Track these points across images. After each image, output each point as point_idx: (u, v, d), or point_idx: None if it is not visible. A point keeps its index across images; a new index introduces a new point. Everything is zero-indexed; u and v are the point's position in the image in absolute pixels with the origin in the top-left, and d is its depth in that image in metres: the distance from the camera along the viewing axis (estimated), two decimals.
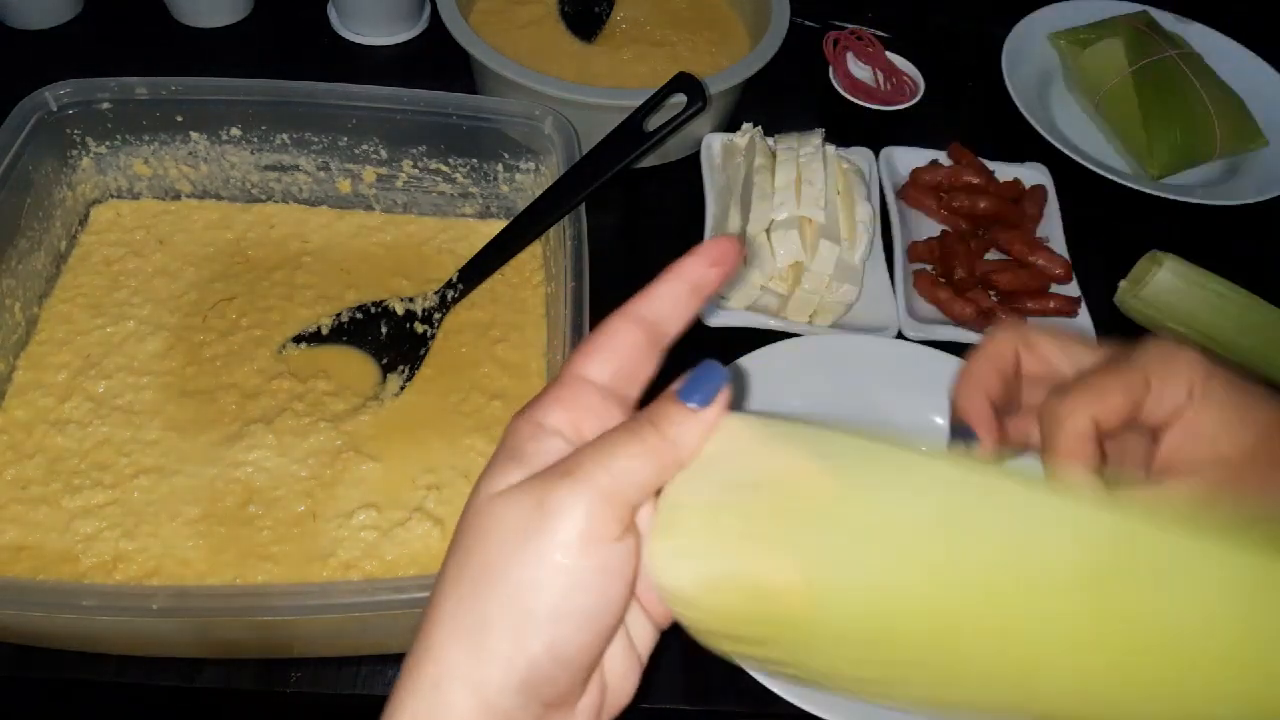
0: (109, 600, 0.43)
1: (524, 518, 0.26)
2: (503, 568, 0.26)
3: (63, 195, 0.64)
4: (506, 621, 0.26)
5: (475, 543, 0.27)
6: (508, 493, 0.27)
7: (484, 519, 0.27)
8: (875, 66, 0.86)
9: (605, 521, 0.26)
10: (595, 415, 0.29)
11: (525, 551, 0.26)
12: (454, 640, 0.27)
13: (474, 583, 0.27)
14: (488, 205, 0.69)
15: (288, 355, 0.61)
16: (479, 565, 0.27)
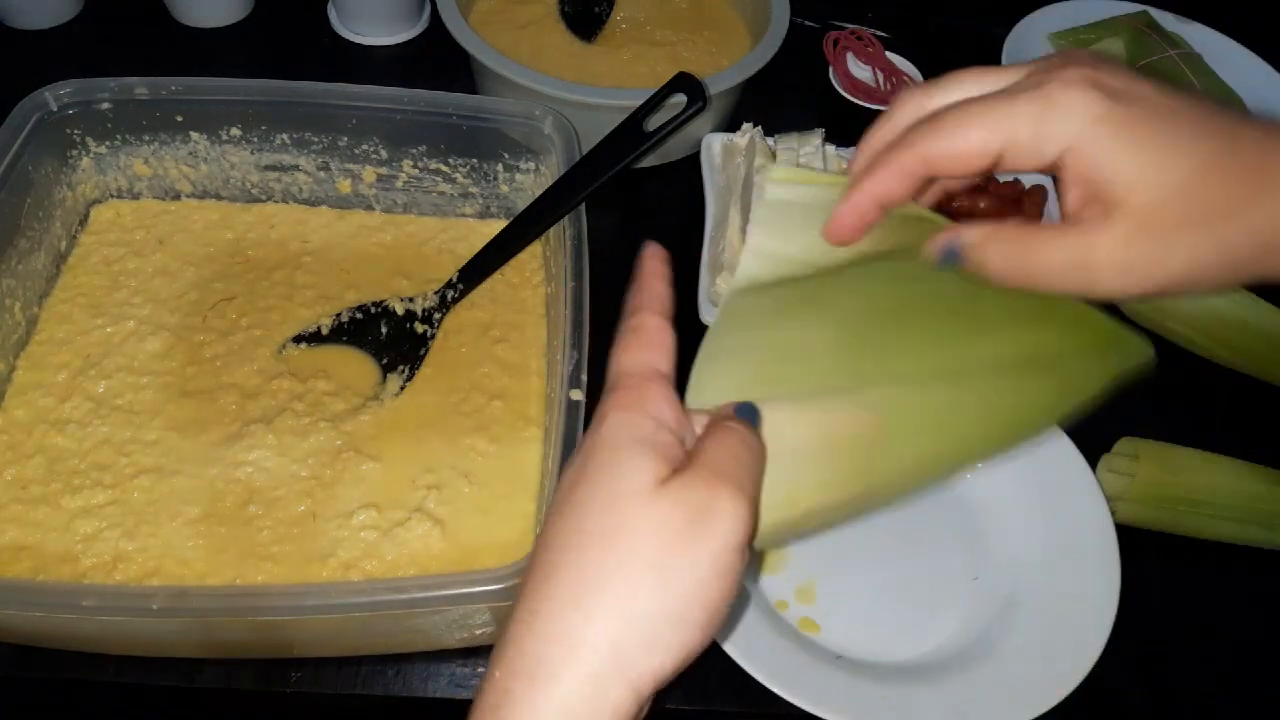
0: (109, 600, 0.43)
1: (692, 519, 0.29)
2: (675, 566, 0.28)
3: (63, 195, 0.64)
4: (683, 619, 0.28)
5: (638, 539, 0.29)
6: (672, 489, 0.29)
7: (643, 517, 0.29)
8: (875, 66, 0.86)
9: (752, 526, 0.30)
10: (672, 404, 0.32)
11: (698, 551, 0.28)
12: (624, 634, 0.28)
13: (644, 578, 0.28)
14: (488, 205, 0.69)
15: (288, 355, 0.61)
16: (646, 562, 0.28)
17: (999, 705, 0.51)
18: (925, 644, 0.55)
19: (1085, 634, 0.53)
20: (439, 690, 0.52)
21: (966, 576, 0.58)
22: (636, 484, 0.29)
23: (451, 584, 0.43)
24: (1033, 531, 0.58)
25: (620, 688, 0.28)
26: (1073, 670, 0.51)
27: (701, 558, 0.28)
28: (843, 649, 0.54)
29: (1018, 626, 0.54)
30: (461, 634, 0.51)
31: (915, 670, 0.53)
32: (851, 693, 0.50)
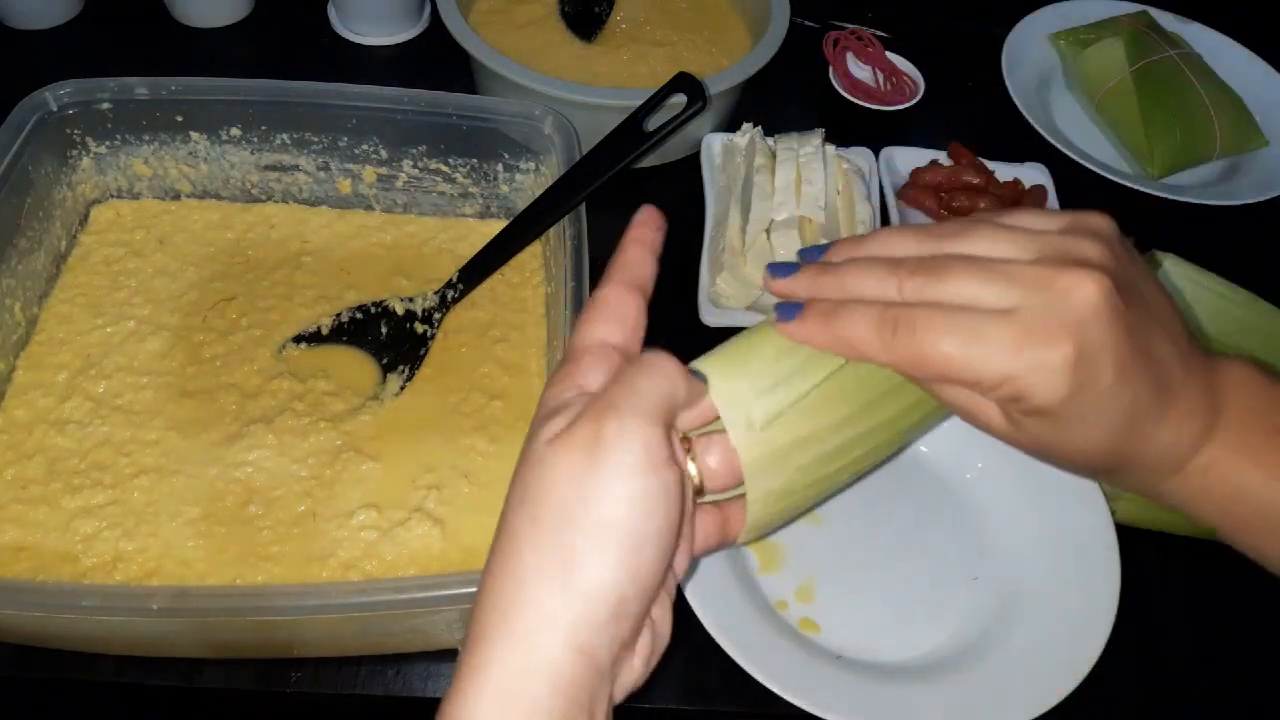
0: (109, 600, 0.43)
1: (585, 454, 0.29)
2: (578, 502, 0.28)
3: (63, 195, 0.64)
4: (594, 552, 0.28)
5: (543, 489, 0.29)
6: (561, 436, 0.30)
7: (545, 465, 0.29)
8: (875, 66, 0.86)
9: (658, 443, 0.29)
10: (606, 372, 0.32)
11: (596, 484, 0.28)
12: (541, 582, 0.28)
13: (553, 523, 0.28)
14: (488, 205, 0.69)
15: (288, 355, 0.61)
16: (553, 507, 0.29)
17: (999, 705, 0.51)
18: (925, 644, 0.55)
19: (1085, 634, 0.53)
20: (439, 690, 0.52)
21: (966, 576, 0.58)
22: (540, 441, 0.30)
23: (451, 584, 0.43)
24: (1033, 531, 0.58)
25: (552, 638, 0.28)
26: (1073, 670, 0.51)
27: (602, 490, 0.28)
28: (843, 649, 0.54)
29: (1018, 626, 0.54)
30: (461, 634, 0.51)
31: (915, 670, 0.53)
32: (851, 693, 0.50)
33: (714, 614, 0.51)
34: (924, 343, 0.32)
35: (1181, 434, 0.34)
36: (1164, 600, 0.59)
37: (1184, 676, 0.57)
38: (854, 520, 0.59)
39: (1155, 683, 0.57)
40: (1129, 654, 0.54)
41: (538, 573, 0.28)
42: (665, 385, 0.30)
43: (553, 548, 0.28)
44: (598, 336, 0.33)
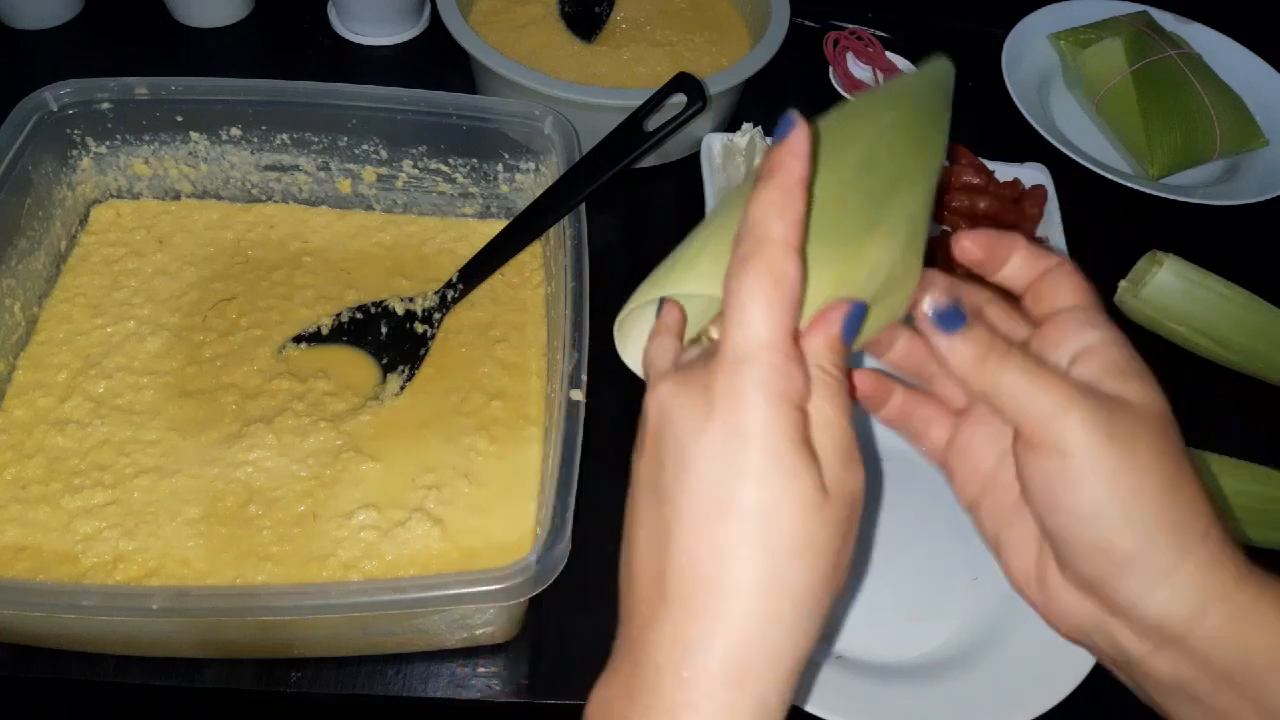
0: (109, 600, 0.43)
1: (847, 506, 0.30)
2: (824, 550, 0.30)
3: (63, 195, 0.64)
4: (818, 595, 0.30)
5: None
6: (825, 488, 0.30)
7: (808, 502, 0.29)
8: (875, 66, 0.86)
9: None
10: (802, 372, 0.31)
11: (834, 534, 0.30)
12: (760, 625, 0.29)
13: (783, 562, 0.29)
14: (488, 205, 0.69)
15: (288, 355, 0.61)
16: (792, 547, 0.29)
17: (999, 705, 0.51)
18: (925, 644, 0.55)
19: None
20: (439, 690, 0.52)
21: (966, 576, 0.58)
22: (799, 490, 0.30)
23: (451, 584, 0.43)
24: None
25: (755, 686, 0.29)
26: (1073, 670, 0.51)
27: (837, 542, 0.30)
28: (843, 649, 0.54)
29: (1018, 626, 0.54)
30: (461, 634, 0.51)
31: (915, 670, 0.53)
32: (851, 693, 0.50)
33: None
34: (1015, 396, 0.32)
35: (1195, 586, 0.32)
36: None
37: None
38: None
39: None
40: None
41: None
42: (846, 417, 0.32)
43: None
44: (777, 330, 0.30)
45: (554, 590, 0.44)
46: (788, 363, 0.29)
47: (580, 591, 0.55)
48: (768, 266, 0.29)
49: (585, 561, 0.56)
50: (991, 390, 0.32)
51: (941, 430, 0.38)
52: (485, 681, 0.52)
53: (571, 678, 0.53)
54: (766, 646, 0.29)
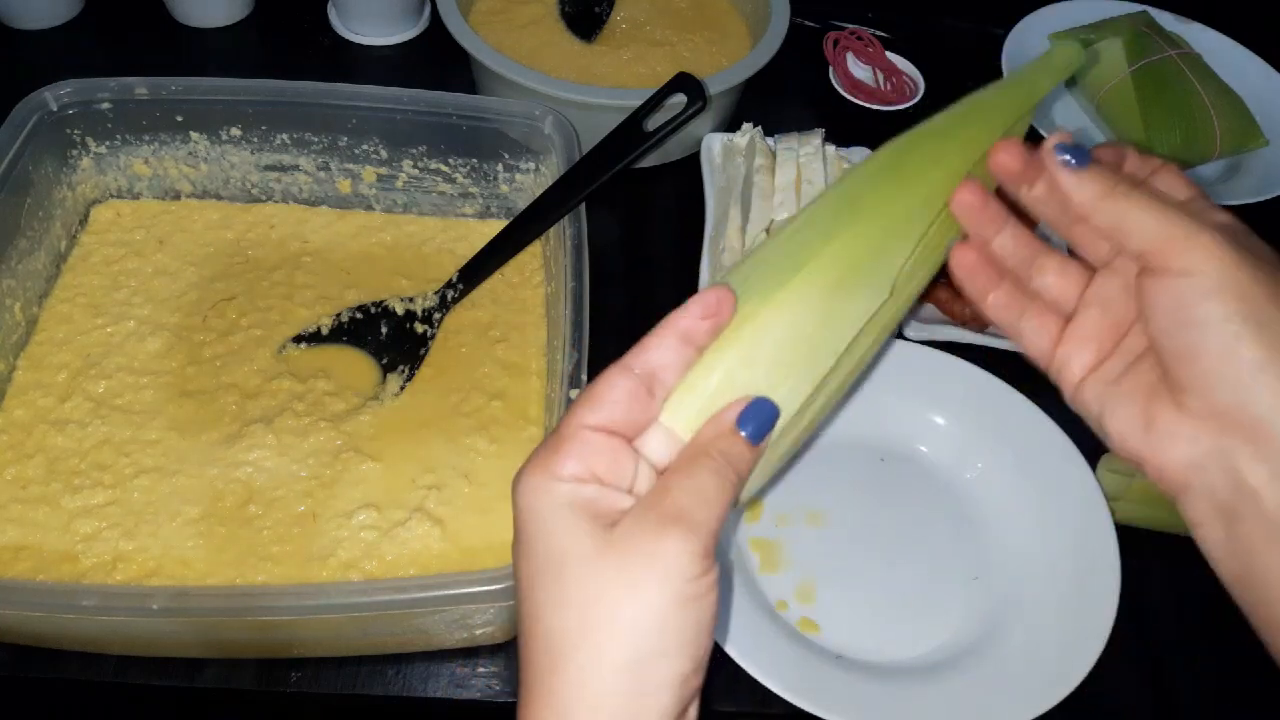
0: (109, 600, 0.43)
1: (641, 565, 0.29)
2: (641, 603, 0.29)
3: (63, 195, 0.64)
4: (664, 649, 0.29)
5: (590, 600, 0.29)
6: (609, 546, 0.29)
7: (590, 579, 0.29)
8: (875, 66, 0.86)
9: (712, 552, 0.30)
10: (604, 457, 0.31)
11: (651, 594, 0.29)
12: (607, 680, 0.29)
13: (608, 621, 0.29)
14: (488, 205, 0.69)
15: (288, 355, 0.61)
16: (609, 605, 0.29)
17: (999, 705, 0.51)
18: (925, 644, 0.55)
19: (1085, 634, 0.53)
20: (439, 690, 0.52)
21: (966, 576, 0.58)
22: (577, 548, 0.29)
23: (451, 584, 0.43)
24: (1033, 531, 0.58)
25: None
26: (1073, 670, 0.51)
27: (657, 595, 0.29)
28: (843, 649, 0.54)
29: (1018, 626, 0.54)
30: (461, 634, 0.51)
31: (915, 670, 0.53)
32: (851, 693, 0.50)
33: None
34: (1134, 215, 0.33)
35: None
36: (1164, 600, 0.59)
37: (1184, 676, 0.57)
38: (854, 520, 0.59)
39: (1155, 683, 0.57)
40: (1129, 654, 0.54)
41: (600, 691, 0.29)
42: (726, 502, 0.31)
43: (620, 658, 0.29)
44: (581, 420, 0.31)
45: None
46: (563, 442, 0.31)
47: None
48: (597, 384, 0.32)
49: None
50: (1120, 219, 0.33)
51: (1048, 328, 0.38)
52: (485, 681, 0.52)
53: None
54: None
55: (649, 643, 0.29)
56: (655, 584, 0.29)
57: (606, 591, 0.29)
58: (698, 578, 0.29)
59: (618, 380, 0.31)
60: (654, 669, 0.29)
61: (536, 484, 0.30)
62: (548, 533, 0.30)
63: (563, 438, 0.31)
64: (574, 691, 0.29)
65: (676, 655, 0.29)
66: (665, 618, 0.29)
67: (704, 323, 0.32)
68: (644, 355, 0.32)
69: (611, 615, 0.29)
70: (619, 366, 0.32)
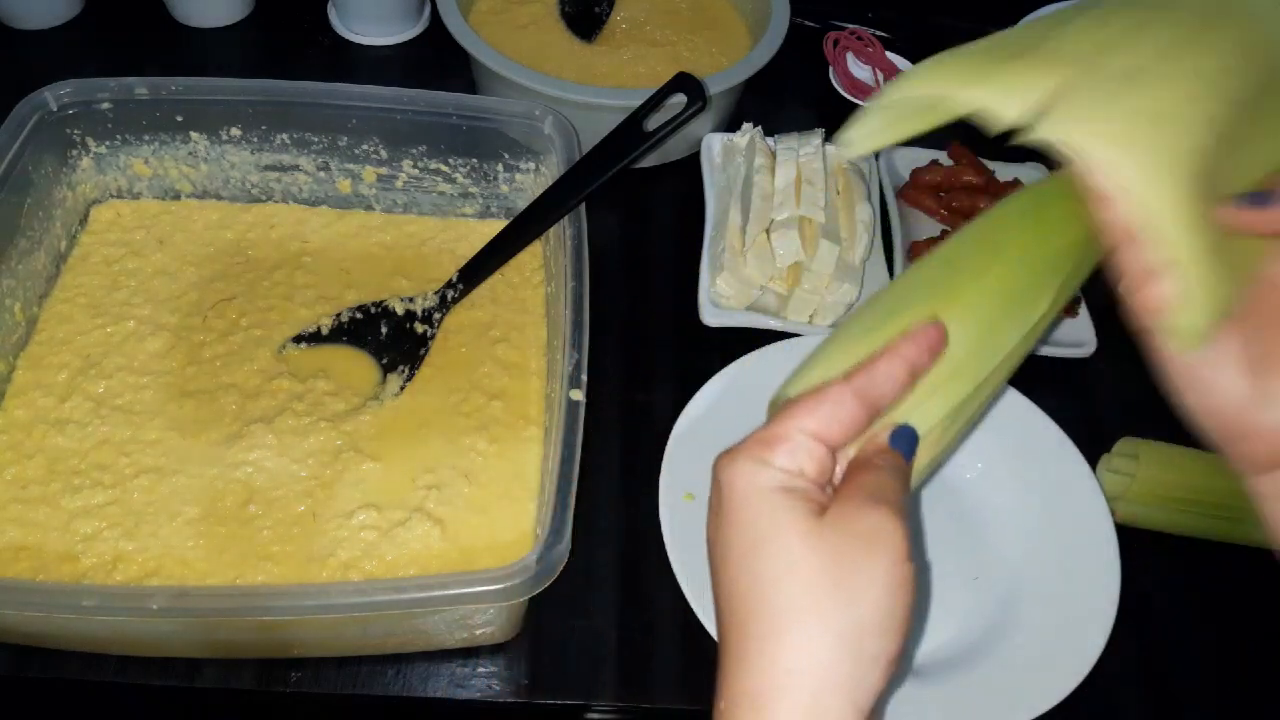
0: (109, 600, 0.43)
1: (861, 543, 0.31)
2: (865, 579, 0.31)
3: (63, 195, 0.64)
4: (879, 628, 0.31)
5: (814, 572, 0.31)
6: (828, 521, 0.32)
7: (813, 549, 0.31)
8: (875, 66, 0.86)
9: (909, 540, 0.32)
10: (815, 462, 0.33)
11: (874, 569, 0.31)
12: (832, 649, 0.30)
13: (832, 602, 0.30)
14: (488, 205, 0.69)
15: (288, 355, 0.61)
16: (833, 579, 0.31)
17: (999, 705, 0.51)
18: (925, 644, 0.55)
19: (1085, 634, 0.53)
20: (439, 690, 0.52)
21: (966, 576, 0.58)
22: (796, 525, 0.31)
23: (451, 584, 0.43)
24: (1033, 531, 0.58)
25: (838, 704, 0.30)
26: (1073, 670, 0.51)
27: (878, 574, 0.31)
28: None
29: (1018, 626, 0.54)
30: (461, 634, 0.51)
31: (915, 670, 0.53)
32: None
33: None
34: None
35: None
36: (1164, 600, 0.59)
37: (1184, 676, 0.57)
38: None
39: (1155, 682, 0.57)
40: (1129, 654, 0.54)
41: (823, 638, 0.30)
42: (907, 486, 0.34)
43: (843, 617, 0.30)
44: (803, 424, 0.33)
45: (554, 590, 0.44)
46: (783, 442, 0.33)
47: (580, 592, 0.55)
48: (821, 399, 0.34)
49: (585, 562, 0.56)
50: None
51: None
52: (485, 681, 0.52)
53: (571, 678, 0.53)
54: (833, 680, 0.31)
55: (873, 617, 0.31)
56: (878, 560, 0.31)
57: (831, 563, 0.31)
58: (908, 560, 0.32)
59: (847, 401, 0.33)
60: (872, 643, 0.30)
61: (750, 468, 0.32)
62: (765, 511, 0.32)
63: (780, 435, 0.33)
64: (797, 658, 0.30)
65: (892, 634, 0.31)
66: (889, 594, 0.31)
67: (928, 357, 0.35)
68: (873, 381, 0.34)
69: (837, 585, 0.30)
70: (851, 389, 0.34)
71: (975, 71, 0.32)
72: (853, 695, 0.30)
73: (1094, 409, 0.67)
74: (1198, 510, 0.60)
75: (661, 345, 0.67)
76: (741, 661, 0.31)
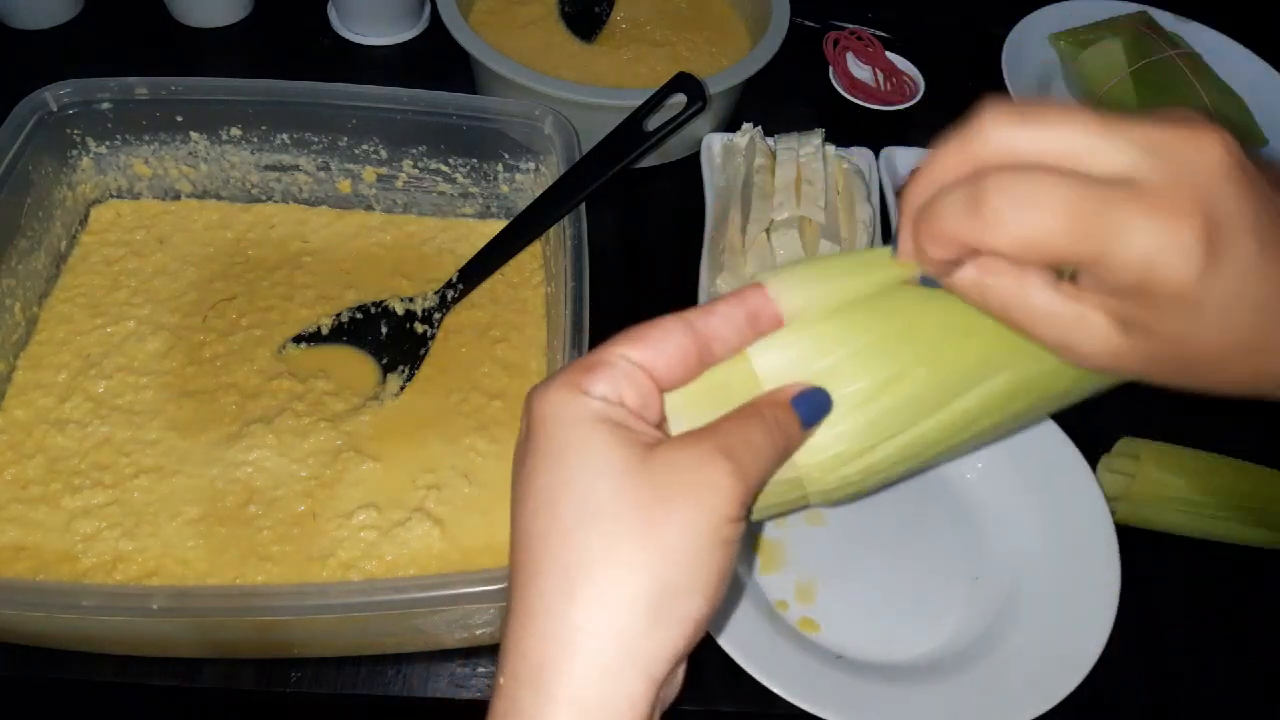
0: (109, 600, 0.43)
1: (683, 487, 0.27)
2: (676, 531, 0.27)
3: (63, 195, 0.64)
4: (684, 589, 0.27)
5: (622, 516, 0.27)
6: (649, 460, 0.27)
7: (625, 492, 0.27)
8: (875, 66, 0.86)
9: (747, 507, 0.29)
10: (637, 391, 0.29)
11: (689, 520, 0.27)
12: (630, 608, 0.26)
13: (634, 555, 0.27)
14: (488, 205, 0.69)
15: (288, 355, 0.61)
16: (640, 527, 0.27)
17: (999, 705, 0.51)
18: (925, 644, 0.55)
19: (1085, 634, 0.53)
20: (439, 690, 0.52)
21: (966, 576, 0.58)
22: (609, 460, 0.27)
23: (451, 584, 0.43)
24: (1033, 532, 0.58)
25: (631, 673, 0.26)
26: (1073, 670, 0.51)
27: (695, 528, 0.27)
28: (843, 649, 0.54)
29: (1018, 626, 0.54)
30: (461, 634, 0.51)
31: (915, 670, 0.53)
32: (851, 693, 0.50)
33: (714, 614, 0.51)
34: (1021, 217, 0.26)
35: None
36: (1164, 600, 0.59)
37: (1184, 676, 0.57)
38: (854, 520, 0.59)
39: (1155, 682, 0.57)
40: (1129, 654, 0.54)
41: (621, 599, 0.26)
42: (772, 466, 0.30)
43: (649, 577, 0.27)
44: (624, 350, 0.29)
45: None
46: (601, 367, 0.29)
47: None
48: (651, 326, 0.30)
49: None
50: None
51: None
52: (485, 681, 0.52)
53: None
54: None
55: (679, 576, 0.27)
56: (696, 513, 0.27)
57: (640, 511, 0.27)
58: (734, 521, 0.28)
59: (674, 331, 0.30)
60: (676, 603, 0.27)
61: (563, 396, 0.28)
62: (575, 443, 0.28)
63: (598, 361, 0.29)
64: (588, 616, 0.26)
65: (700, 594, 0.27)
66: (700, 551, 0.27)
67: (772, 310, 0.31)
68: (708, 319, 0.30)
69: (644, 536, 0.27)
70: (680, 320, 0.30)
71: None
72: (648, 663, 0.26)
73: (1094, 409, 0.67)
74: (1198, 510, 0.60)
75: None
76: (528, 620, 0.27)
